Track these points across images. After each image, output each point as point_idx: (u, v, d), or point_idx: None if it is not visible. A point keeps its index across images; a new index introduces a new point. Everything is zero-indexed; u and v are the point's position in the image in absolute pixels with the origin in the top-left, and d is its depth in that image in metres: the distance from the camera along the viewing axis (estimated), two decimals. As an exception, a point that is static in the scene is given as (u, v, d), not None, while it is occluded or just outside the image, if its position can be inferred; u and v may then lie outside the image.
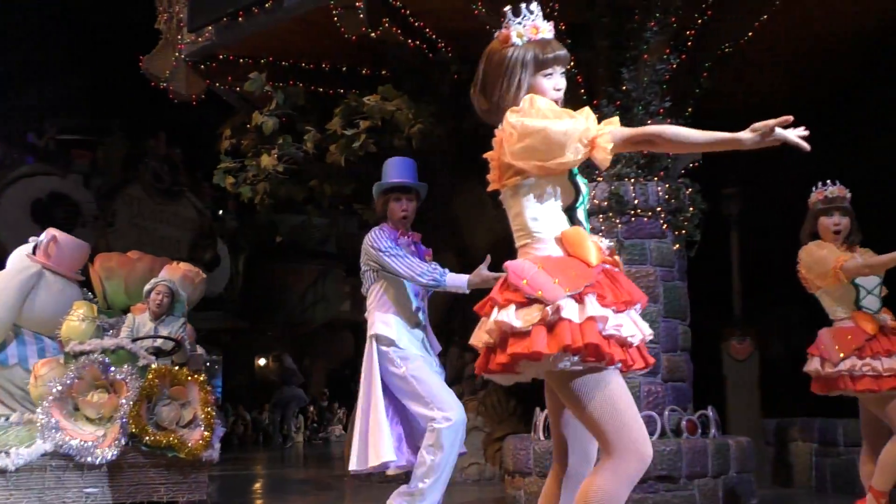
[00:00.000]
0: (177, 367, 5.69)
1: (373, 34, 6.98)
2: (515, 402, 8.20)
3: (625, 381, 6.08)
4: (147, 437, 5.42)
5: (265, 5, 7.18)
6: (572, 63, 6.17)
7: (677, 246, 6.20)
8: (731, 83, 7.27)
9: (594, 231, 6.01)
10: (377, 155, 7.41)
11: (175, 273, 6.51)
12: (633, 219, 6.08)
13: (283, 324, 19.94)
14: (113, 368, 5.48)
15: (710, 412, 6.03)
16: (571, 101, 6.27)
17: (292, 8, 7.14)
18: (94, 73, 18.01)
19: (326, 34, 7.41)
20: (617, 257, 2.62)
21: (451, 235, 8.38)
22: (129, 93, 15.42)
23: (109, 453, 5.31)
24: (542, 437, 6.10)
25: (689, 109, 6.38)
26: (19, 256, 6.19)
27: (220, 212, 19.20)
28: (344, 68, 8.21)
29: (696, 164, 6.44)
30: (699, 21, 6.25)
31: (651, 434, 5.75)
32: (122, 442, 5.34)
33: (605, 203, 6.06)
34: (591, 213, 6.04)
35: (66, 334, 5.74)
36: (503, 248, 8.93)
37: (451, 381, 8.22)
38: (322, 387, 20.68)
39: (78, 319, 5.80)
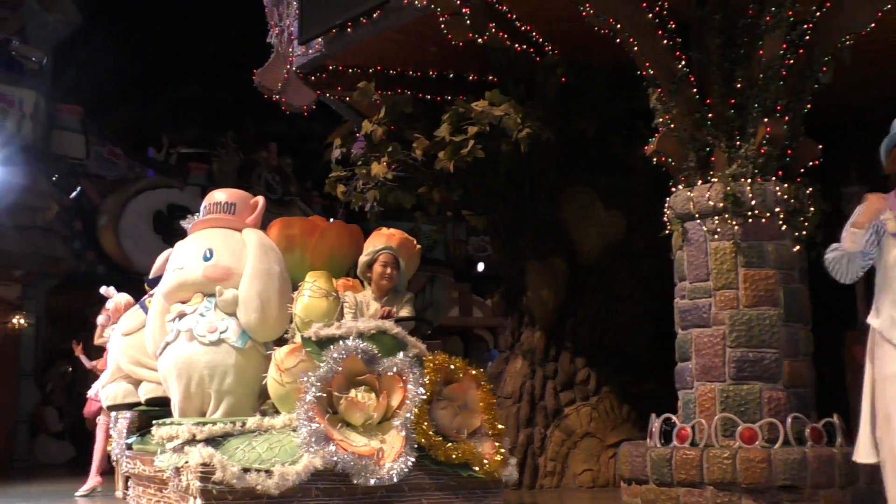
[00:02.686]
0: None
1: (479, 40, 6.99)
2: (629, 408, 8.07)
3: (744, 388, 5.91)
4: (437, 451, 4.27)
5: (372, 16, 7.29)
6: (683, 63, 6.10)
7: (797, 248, 5.98)
8: (851, 78, 6.98)
9: (710, 233, 5.92)
10: (485, 160, 7.43)
11: (391, 241, 5.23)
12: (750, 220, 5.90)
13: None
14: (381, 359, 4.32)
15: (835, 420, 5.79)
16: (683, 101, 6.21)
17: (399, 17, 7.22)
18: (208, 88, 18.66)
19: (433, 41, 7.47)
20: None
21: (560, 240, 8.32)
22: (242, 106, 15.93)
23: (395, 472, 4.11)
24: (658, 444, 5.97)
25: (808, 106, 6.15)
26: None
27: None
28: (451, 75, 8.27)
29: (817, 162, 6.20)
30: (817, 14, 6.02)
31: (773, 442, 5.57)
32: (410, 457, 4.16)
33: (721, 204, 5.90)
34: (706, 215, 5.97)
35: (306, 314, 4.67)
36: (613, 251, 8.88)
37: (563, 387, 8.18)
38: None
39: (318, 295, 4.77)
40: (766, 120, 5.91)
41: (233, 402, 4.62)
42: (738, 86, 6.00)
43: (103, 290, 8.26)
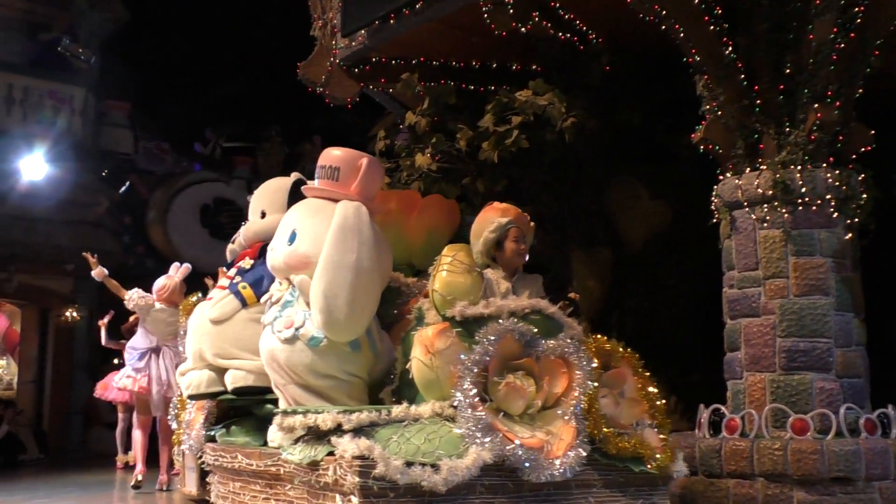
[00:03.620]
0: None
1: (522, 29, 6.96)
2: (676, 399, 7.99)
3: (795, 378, 5.77)
4: (608, 444, 3.92)
5: (415, 7, 7.29)
6: (730, 49, 6.00)
7: (850, 235, 5.87)
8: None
9: (759, 221, 5.83)
10: (529, 151, 7.40)
11: (510, 214, 4.81)
12: (800, 208, 5.80)
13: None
14: (541, 341, 3.94)
15: (890, 410, 5.69)
16: (731, 88, 6.12)
17: (442, 8, 7.21)
18: (252, 82, 18.82)
19: (476, 32, 7.45)
20: None
21: (605, 230, 8.26)
22: (286, 99, 16.05)
23: (568, 466, 3.71)
24: (706, 435, 5.91)
25: (860, 91, 6.03)
26: None
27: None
28: (494, 65, 8.24)
29: (869, 148, 6.08)
30: (869, -5, 5.89)
31: (825, 433, 5.49)
32: (582, 450, 3.78)
33: (770, 192, 5.81)
34: (755, 203, 5.88)
35: (447, 290, 4.15)
36: (659, 241, 8.79)
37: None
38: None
39: (460, 270, 4.24)
40: (816, 105, 5.79)
41: (330, 398, 4.29)
42: (788, 71, 5.89)
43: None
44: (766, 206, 5.86)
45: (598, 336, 4.24)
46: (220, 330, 5.26)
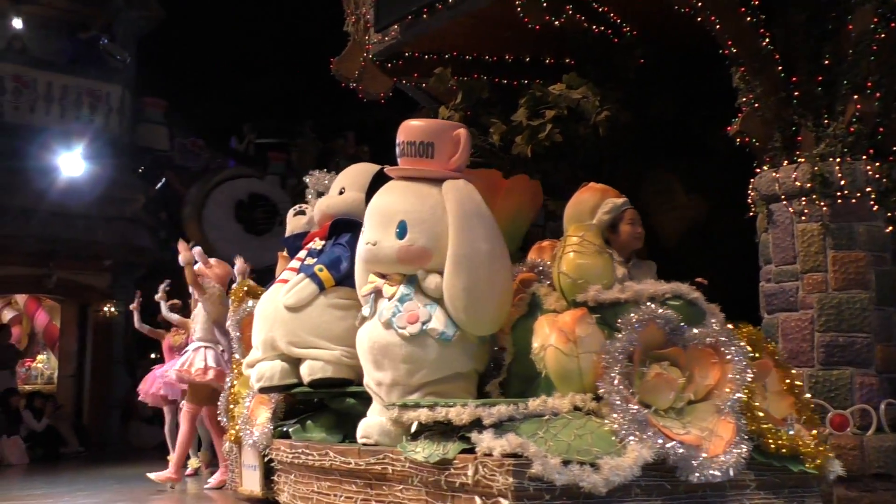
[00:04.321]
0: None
1: (556, 22, 6.93)
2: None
3: (834, 373, 5.66)
4: (768, 441, 3.59)
5: (448, 1, 7.28)
6: (767, 40, 5.92)
7: (889, 228, 5.78)
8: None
9: (797, 214, 5.76)
10: (563, 144, 7.36)
11: (609, 194, 4.55)
12: (839, 201, 5.72)
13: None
14: (687, 329, 3.62)
15: (931, 407, 5.59)
16: (768, 80, 6.04)
17: (475, 2, 7.20)
18: (286, 78, 18.93)
19: (509, 26, 7.42)
20: None
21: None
22: (319, 95, 16.12)
23: (731, 465, 3.38)
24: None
25: (901, 81, 5.92)
26: None
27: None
28: (527, 59, 8.20)
29: (910, 139, 5.97)
30: (910, -15, 5.79)
31: (865, 429, 5.42)
32: (743, 448, 3.44)
33: (809, 185, 5.73)
34: (792, 196, 5.80)
35: (578, 273, 3.86)
36: (694, 235, 8.71)
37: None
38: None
39: (590, 250, 3.94)
40: (855, 97, 5.71)
41: (440, 392, 4.01)
42: (826, 62, 5.81)
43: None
44: (804, 199, 5.79)
45: (743, 324, 3.93)
46: (296, 317, 4.91)
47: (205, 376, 7.56)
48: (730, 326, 3.77)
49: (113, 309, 14.05)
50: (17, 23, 14.07)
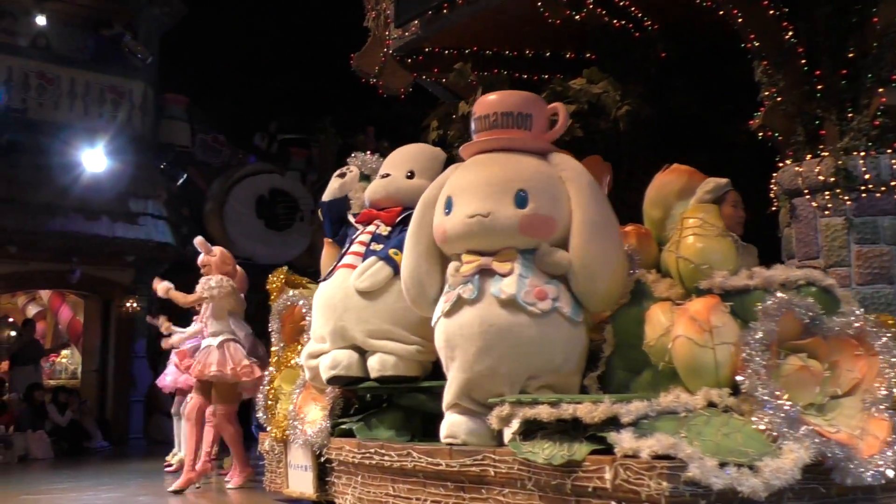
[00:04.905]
0: None
1: (576, 17, 6.90)
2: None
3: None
4: None
5: (468, -4, 7.27)
6: (790, 34, 5.87)
7: (915, 222, 5.72)
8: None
9: (820, 209, 5.71)
10: (583, 139, 7.33)
11: (695, 176, 4.33)
12: (863, 195, 5.66)
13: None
14: (827, 318, 3.38)
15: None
16: (791, 73, 5.99)
17: (495, -4, 7.18)
18: (306, 74, 18.97)
19: (529, 20, 7.40)
20: None
21: (661, 218, 8.16)
22: (340, 90, 16.16)
23: (890, 467, 3.14)
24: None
25: (927, 73, 5.86)
26: None
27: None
28: (548, 53, 8.18)
29: (935, 132, 5.91)
30: (936, -24, 5.72)
31: (889, 426, 5.35)
32: None
33: (832, 179, 5.68)
34: (816, 190, 5.75)
35: (700, 257, 3.61)
36: (717, 230, 8.53)
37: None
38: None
39: (713, 233, 3.65)
40: (880, 90, 5.65)
41: (550, 385, 3.72)
42: (850, 55, 5.76)
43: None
44: (827, 193, 5.74)
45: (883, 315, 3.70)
46: (370, 304, 4.62)
47: (226, 373, 6.99)
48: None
49: (135, 304, 14.17)
50: (41, 20, 14.19)
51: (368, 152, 5.98)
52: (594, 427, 3.13)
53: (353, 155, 5.87)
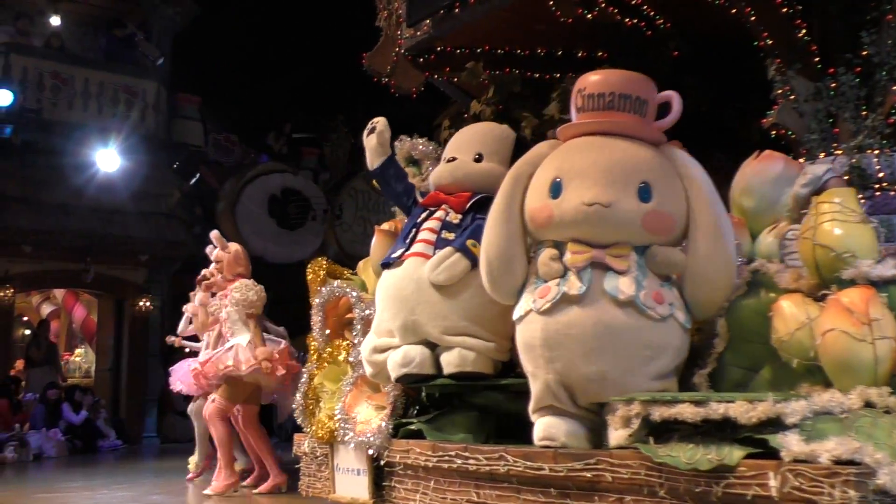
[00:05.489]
0: None
1: (588, 15, 6.88)
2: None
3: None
4: None
5: (480, -5, 7.26)
6: (804, 32, 5.84)
7: (930, 221, 5.68)
8: None
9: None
10: (595, 138, 7.32)
11: (791, 163, 4.20)
12: (877, 193, 5.63)
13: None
14: None
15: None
16: (804, 70, 5.95)
17: (507, -5, 7.18)
18: (318, 74, 19.01)
19: (541, 19, 7.39)
20: None
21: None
22: (352, 90, 16.18)
23: None
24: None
25: (943, 71, 5.83)
26: None
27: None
28: (559, 52, 8.16)
29: (951, 131, 5.87)
30: (952, -26, 5.69)
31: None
32: None
33: (846, 177, 5.64)
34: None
35: (841, 244, 3.30)
36: (730, 228, 8.50)
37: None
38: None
39: (855, 219, 3.36)
40: (894, 88, 5.61)
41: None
42: (864, 53, 5.72)
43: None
44: (841, 191, 5.70)
45: None
46: (446, 298, 4.23)
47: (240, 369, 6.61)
48: None
49: (149, 303, 14.24)
50: (56, 20, 14.28)
51: (415, 136, 5.67)
52: (748, 428, 2.85)
53: (399, 139, 5.53)
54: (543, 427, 3.60)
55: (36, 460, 10.88)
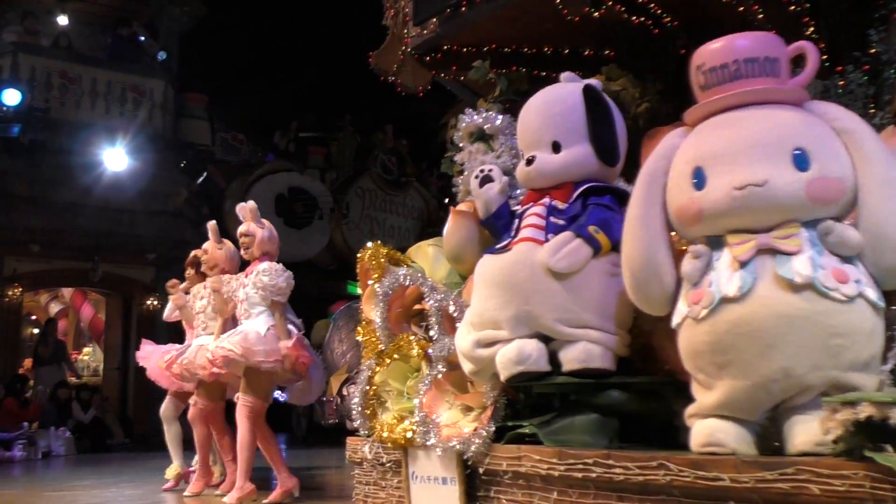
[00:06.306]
0: None
1: (595, 14, 6.86)
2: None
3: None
4: None
5: (487, -7, 7.26)
6: (811, 29, 5.82)
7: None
8: None
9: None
10: (602, 136, 7.31)
11: None
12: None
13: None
14: None
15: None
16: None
17: (514, -7, 7.16)
18: (325, 73, 19.03)
19: (548, 17, 7.36)
20: None
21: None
22: (358, 89, 16.20)
23: None
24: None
25: (951, 69, 5.80)
26: None
27: (447, 200, 19.72)
28: (566, 50, 8.14)
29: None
30: (961, -30, 5.66)
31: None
32: None
33: (852, 177, 5.63)
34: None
35: None
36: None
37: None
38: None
39: None
40: (903, 86, 5.61)
41: (849, 390, 2.93)
42: (873, 51, 5.70)
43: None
44: (849, 190, 5.68)
45: None
46: (566, 287, 3.80)
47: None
48: None
49: (156, 302, 14.26)
50: (63, 20, 14.31)
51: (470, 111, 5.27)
52: None
53: (465, 111, 5.11)
54: (709, 431, 3.13)
55: (44, 458, 10.92)
